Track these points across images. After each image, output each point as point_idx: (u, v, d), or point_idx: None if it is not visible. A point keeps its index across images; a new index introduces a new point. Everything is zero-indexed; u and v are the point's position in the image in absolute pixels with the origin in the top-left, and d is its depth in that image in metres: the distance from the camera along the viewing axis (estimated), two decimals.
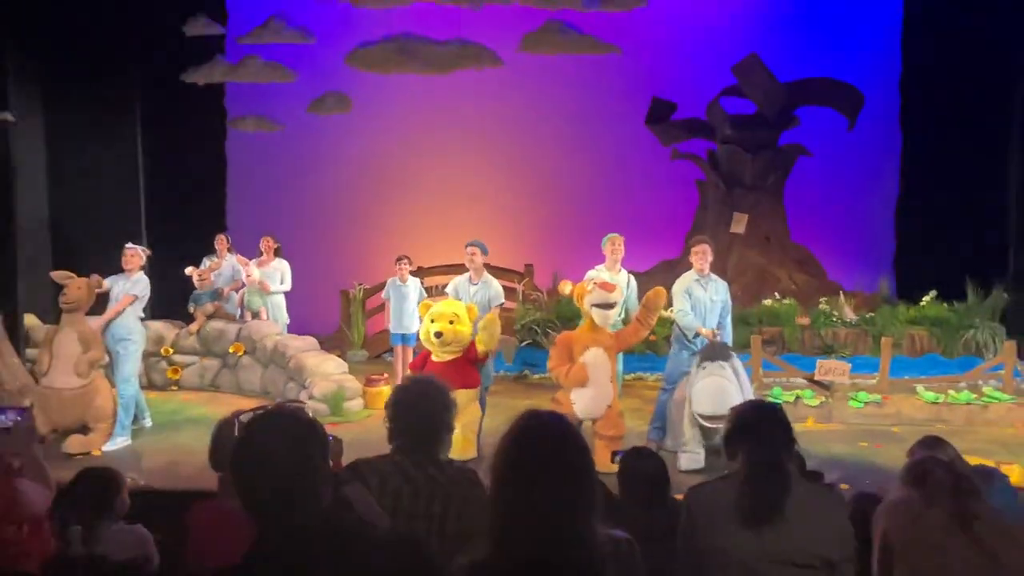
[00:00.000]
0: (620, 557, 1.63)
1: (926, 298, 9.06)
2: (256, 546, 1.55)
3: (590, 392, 5.14)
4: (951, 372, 7.67)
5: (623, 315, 5.81)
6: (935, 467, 2.43)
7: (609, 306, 5.19)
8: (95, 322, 6.00)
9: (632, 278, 6.03)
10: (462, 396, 5.36)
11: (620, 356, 5.86)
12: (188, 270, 7.77)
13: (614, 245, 5.93)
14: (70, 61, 8.74)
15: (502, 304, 6.03)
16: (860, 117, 9.92)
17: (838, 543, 2.04)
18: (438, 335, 5.23)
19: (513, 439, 1.63)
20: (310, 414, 1.78)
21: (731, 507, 2.05)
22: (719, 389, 4.97)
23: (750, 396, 5.06)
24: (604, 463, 3.50)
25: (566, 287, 5.75)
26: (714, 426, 4.96)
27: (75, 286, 5.78)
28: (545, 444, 1.60)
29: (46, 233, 8.85)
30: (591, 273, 5.80)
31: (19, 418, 2.76)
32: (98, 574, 2.32)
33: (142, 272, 6.22)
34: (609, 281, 5.31)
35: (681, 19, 10.32)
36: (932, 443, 3.00)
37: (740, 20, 10.38)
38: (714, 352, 5.21)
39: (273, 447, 1.56)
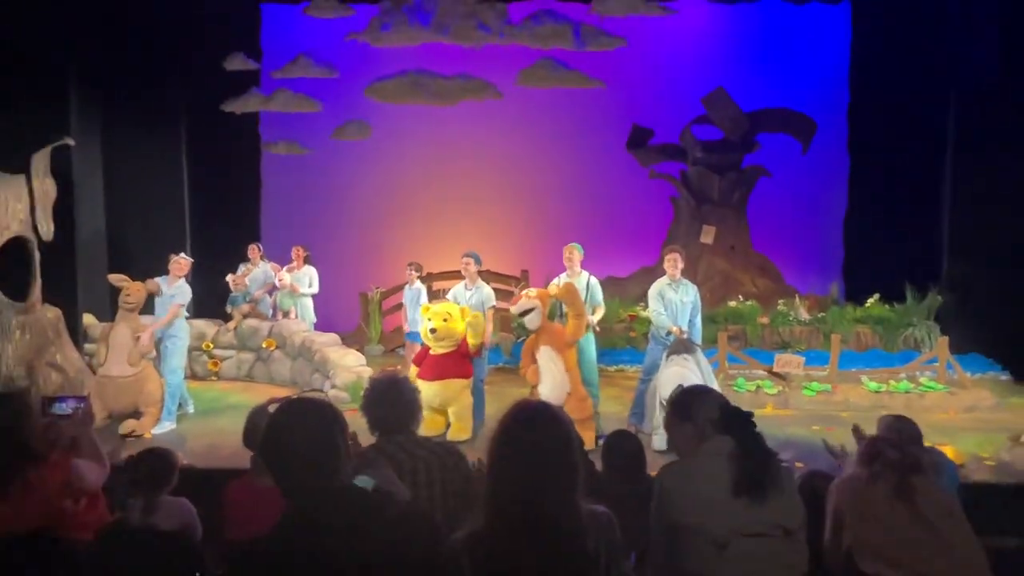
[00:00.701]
0: (600, 528, 1.62)
1: (870, 300, 9.07)
2: (286, 516, 1.55)
3: (547, 384, 5.22)
4: (892, 365, 7.68)
5: (591, 311, 5.83)
6: (885, 446, 2.40)
7: (525, 313, 5.32)
8: (147, 320, 5.99)
9: (592, 278, 5.92)
10: (456, 384, 5.45)
11: (592, 350, 5.80)
12: (228, 278, 7.78)
13: (569, 254, 5.87)
14: (124, 92, 8.73)
15: (494, 305, 6.08)
16: (813, 142, 9.95)
17: (793, 513, 2.00)
18: (433, 331, 5.35)
19: (505, 424, 1.64)
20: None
21: (702, 485, 1.94)
22: (681, 378, 4.97)
23: (712, 386, 5.07)
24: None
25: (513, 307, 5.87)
26: None
27: (136, 289, 5.78)
28: (532, 429, 1.60)
29: (102, 242, 8.83)
30: (554, 281, 5.82)
31: (79, 405, 2.75)
32: (150, 541, 2.32)
33: (183, 280, 6.21)
34: (520, 294, 5.52)
35: (658, 57, 10.34)
36: (899, 418, 2.97)
37: (709, 57, 10.40)
38: (679, 347, 5.24)
39: (303, 427, 1.56)
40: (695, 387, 2.25)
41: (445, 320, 5.37)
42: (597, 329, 5.89)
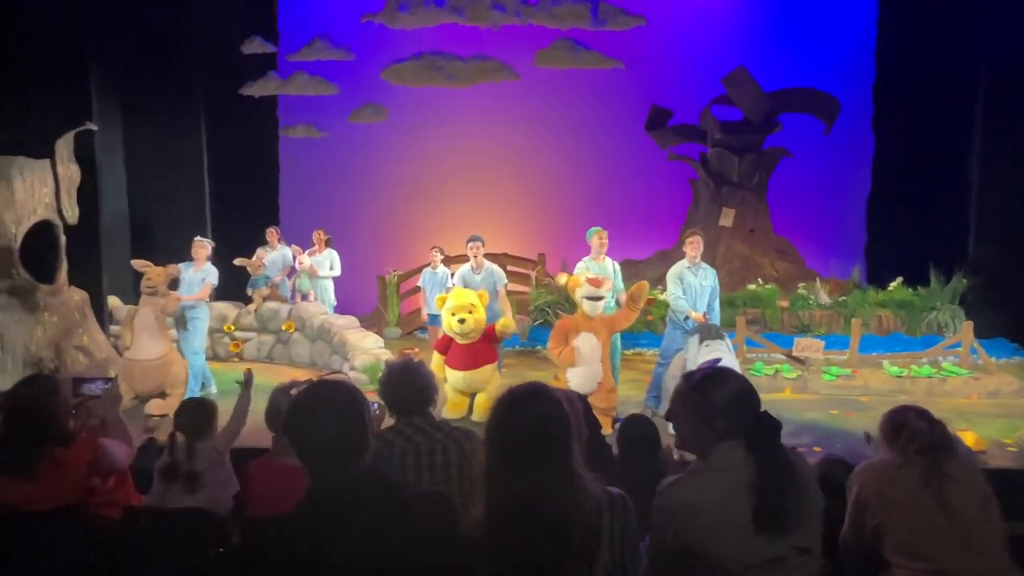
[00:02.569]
0: (615, 510, 1.63)
1: (893, 283, 8.94)
2: (309, 493, 1.58)
3: (581, 371, 5.17)
4: (914, 349, 7.57)
5: (613, 297, 5.81)
6: (916, 426, 2.28)
7: (598, 298, 5.22)
8: (174, 296, 6.08)
9: (616, 264, 5.93)
10: (487, 370, 5.54)
11: (619, 335, 5.85)
12: (237, 261, 7.85)
13: (599, 238, 5.80)
14: (145, 77, 8.81)
15: (506, 284, 6.23)
16: (836, 122, 9.75)
17: (815, 534, 1.73)
18: (461, 322, 5.34)
19: (494, 409, 1.66)
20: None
21: (712, 512, 1.67)
22: (725, 361, 4.91)
23: None
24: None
25: (561, 279, 5.79)
26: None
27: (156, 274, 5.87)
28: (518, 411, 1.61)
29: (126, 226, 8.96)
30: (580, 265, 5.78)
31: (107, 386, 2.82)
32: (174, 518, 2.38)
33: (210, 263, 6.31)
34: (596, 276, 5.34)
35: (677, 36, 10.17)
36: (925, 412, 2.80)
37: (729, 36, 10.21)
38: (711, 332, 5.18)
39: (327, 411, 1.58)
40: (717, 372, 1.79)
41: (471, 312, 5.38)
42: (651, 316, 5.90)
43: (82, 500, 2.37)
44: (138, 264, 6.01)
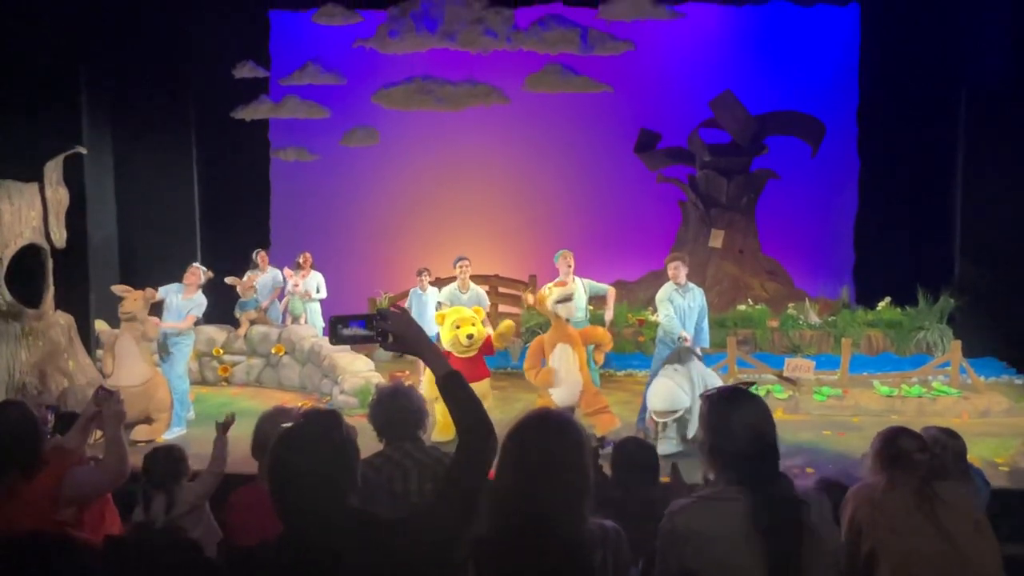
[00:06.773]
0: (608, 543, 1.60)
1: (882, 303, 9.00)
2: (295, 532, 1.52)
3: (562, 382, 5.27)
4: (904, 369, 7.60)
5: (585, 314, 5.96)
6: (909, 448, 2.27)
7: (568, 298, 5.36)
8: (154, 321, 6.01)
9: (585, 283, 6.08)
10: (481, 387, 5.48)
11: (611, 356, 5.92)
12: (229, 280, 7.78)
13: (565, 260, 6.00)
14: (135, 101, 8.83)
15: (487, 305, 6.41)
16: (822, 144, 9.90)
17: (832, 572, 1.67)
18: (470, 337, 5.37)
19: (518, 430, 1.61)
20: (345, 420, 1.67)
21: (719, 543, 1.61)
22: (668, 391, 5.01)
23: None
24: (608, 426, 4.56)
25: (528, 298, 5.89)
26: (664, 420, 5.10)
27: (131, 299, 5.82)
28: (545, 438, 1.59)
29: (114, 249, 8.90)
30: (547, 286, 5.89)
31: (108, 394, 2.55)
32: (160, 549, 2.30)
33: (200, 292, 6.25)
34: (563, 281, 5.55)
35: (665, 60, 10.34)
36: (945, 431, 2.76)
37: (716, 60, 10.38)
38: (676, 357, 5.23)
39: (308, 459, 1.50)
40: (735, 394, 1.73)
41: (473, 324, 5.43)
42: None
43: (54, 528, 2.26)
44: (118, 290, 5.96)
